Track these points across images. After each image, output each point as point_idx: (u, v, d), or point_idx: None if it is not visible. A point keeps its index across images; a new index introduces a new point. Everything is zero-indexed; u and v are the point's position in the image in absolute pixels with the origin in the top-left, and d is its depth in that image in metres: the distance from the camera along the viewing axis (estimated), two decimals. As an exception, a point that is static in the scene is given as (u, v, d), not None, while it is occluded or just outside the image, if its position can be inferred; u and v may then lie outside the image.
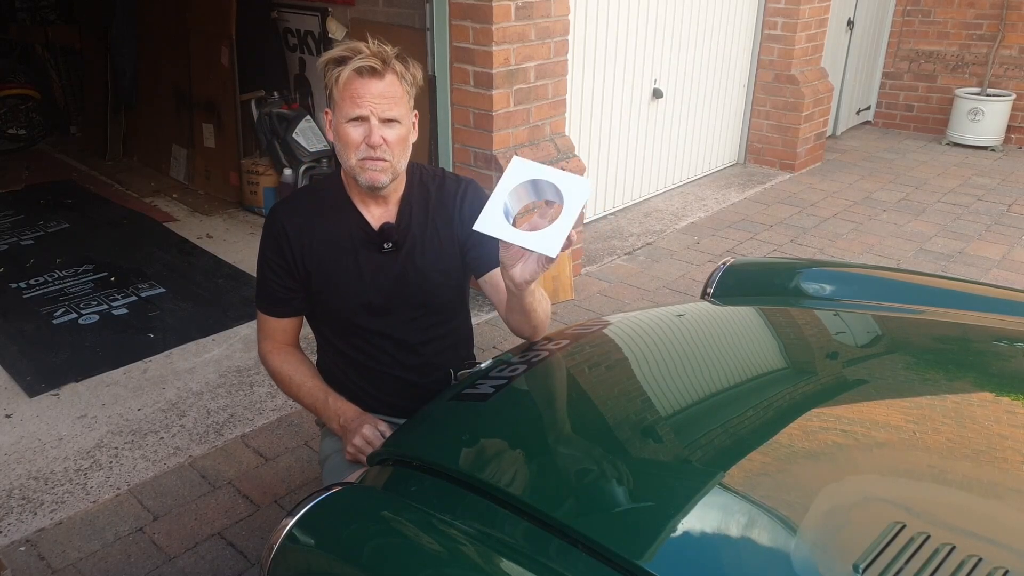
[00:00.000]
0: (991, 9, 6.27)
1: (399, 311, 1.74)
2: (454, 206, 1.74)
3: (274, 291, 1.74)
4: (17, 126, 5.99)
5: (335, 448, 1.79)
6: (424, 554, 1.13)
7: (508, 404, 1.45)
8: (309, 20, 4.51)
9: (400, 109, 1.57)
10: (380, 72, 1.53)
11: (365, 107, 1.54)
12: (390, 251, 1.70)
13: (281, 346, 1.80)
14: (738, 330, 1.70)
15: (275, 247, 1.71)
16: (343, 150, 1.60)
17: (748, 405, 1.32)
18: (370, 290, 1.71)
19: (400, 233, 1.70)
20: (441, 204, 1.74)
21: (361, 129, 1.56)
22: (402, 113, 1.58)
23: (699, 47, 5.03)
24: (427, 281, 1.73)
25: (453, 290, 1.80)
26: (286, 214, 1.71)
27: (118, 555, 2.21)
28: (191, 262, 4.10)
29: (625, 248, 4.35)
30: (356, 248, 1.70)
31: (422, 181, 1.75)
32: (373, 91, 1.54)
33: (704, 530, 1.06)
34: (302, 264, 1.70)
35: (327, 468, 1.80)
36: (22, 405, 2.89)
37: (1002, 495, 1.12)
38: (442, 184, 1.76)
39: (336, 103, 1.57)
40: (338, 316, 1.77)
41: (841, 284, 1.90)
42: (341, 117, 1.57)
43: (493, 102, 3.35)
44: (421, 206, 1.73)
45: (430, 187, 1.75)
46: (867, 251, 4.32)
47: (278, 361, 1.78)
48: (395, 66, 1.56)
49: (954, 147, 6.33)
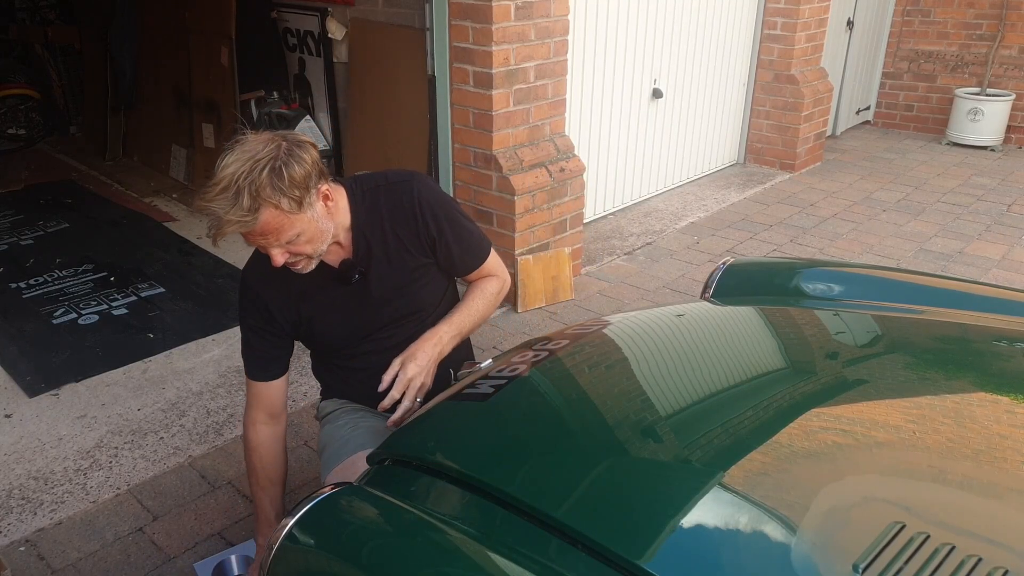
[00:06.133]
0: (991, 9, 6.26)
1: (384, 327, 1.77)
2: (413, 213, 1.71)
3: (261, 355, 1.78)
4: (17, 126, 5.99)
5: (332, 436, 1.82)
6: (424, 554, 1.13)
7: (508, 404, 1.45)
8: (309, 20, 4.51)
9: (291, 231, 1.52)
10: (253, 224, 1.47)
11: (255, 243, 1.56)
12: (359, 281, 1.71)
13: (265, 423, 1.84)
14: (738, 330, 1.70)
15: (255, 313, 1.74)
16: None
17: (748, 405, 1.31)
18: (354, 320, 1.75)
19: (362, 263, 1.70)
20: (397, 213, 1.71)
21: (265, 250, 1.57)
22: (295, 231, 1.52)
23: (699, 47, 5.03)
24: (405, 294, 1.75)
25: (434, 289, 1.80)
26: (256, 280, 1.74)
27: (118, 555, 2.21)
28: (191, 262, 4.10)
29: (625, 248, 4.35)
30: (327, 290, 1.72)
31: (365, 198, 1.70)
32: (255, 233, 1.50)
33: (704, 530, 1.06)
34: (283, 319, 1.74)
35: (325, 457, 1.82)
36: (22, 405, 2.88)
37: (1002, 495, 1.11)
38: (389, 191, 1.71)
39: None
40: (328, 348, 1.84)
41: (841, 284, 1.90)
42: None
43: (493, 102, 3.35)
44: (375, 226, 1.70)
45: (378, 199, 1.70)
46: (867, 251, 4.32)
47: (254, 443, 1.84)
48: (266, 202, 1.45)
49: (954, 147, 6.33)
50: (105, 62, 5.48)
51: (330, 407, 1.91)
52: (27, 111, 6.01)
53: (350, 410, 1.87)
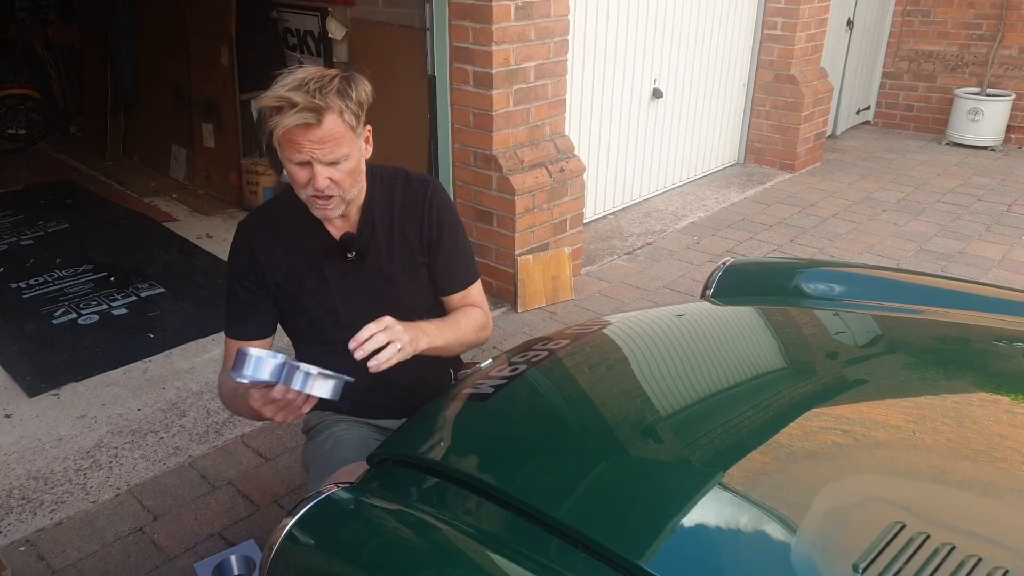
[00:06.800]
0: (991, 9, 6.26)
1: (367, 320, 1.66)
2: (422, 211, 1.71)
3: (242, 309, 1.71)
4: (17, 126, 5.99)
5: (315, 454, 1.76)
6: (424, 554, 1.13)
7: (508, 404, 1.45)
8: (309, 20, 4.50)
9: (344, 148, 1.51)
10: (317, 122, 1.46)
11: (306, 153, 1.50)
12: (354, 260, 1.69)
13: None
14: (738, 330, 1.70)
15: (243, 262, 1.69)
16: (293, 184, 1.58)
17: (748, 405, 1.31)
18: (336, 300, 1.70)
19: (363, 242, 1.68)
20: (408, 207, 1.71)
21: (305, 171, 1.52)
22: (346, 150, 1.52)
23: (699, 47, 5.03)
24: (395, 288, 1.72)
25: (423, 295, 1.78)
26: (250, 231, 1.70)
27: (118, 555, 2.21)
28: (191, 262, 4.10)
29: (625, 248, 4.35)
30: (320, 259, 1.69)
31: (383, 184, 1.71)
32: (312, 138, 1.48)
33: (704, 530, 1.06)
34: (271, 277, 1.69)
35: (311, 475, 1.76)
36: (22, 405, 2.88)
37: (1002, 495, 1.11)
38: (407, 186, 1.72)
39: (279, 142, 1.52)
40: (309, 328, 1.76)
41: (841, 284, 1.90)
42: (284, 157, 1.53)
43: (493, 102, 3.35)
44: (384, 212, 1.70)
45: (394, 189, 1.71)
46: (867, 251, 4.32)
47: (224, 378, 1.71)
48: (333, 104, 1.47)
49: (954, 147, 6.33)
50: (105, 62, 5.48)
51: (313, 420, 1.86)
52: (27, 111, 6.01)
53: (332, 423, 1.82)
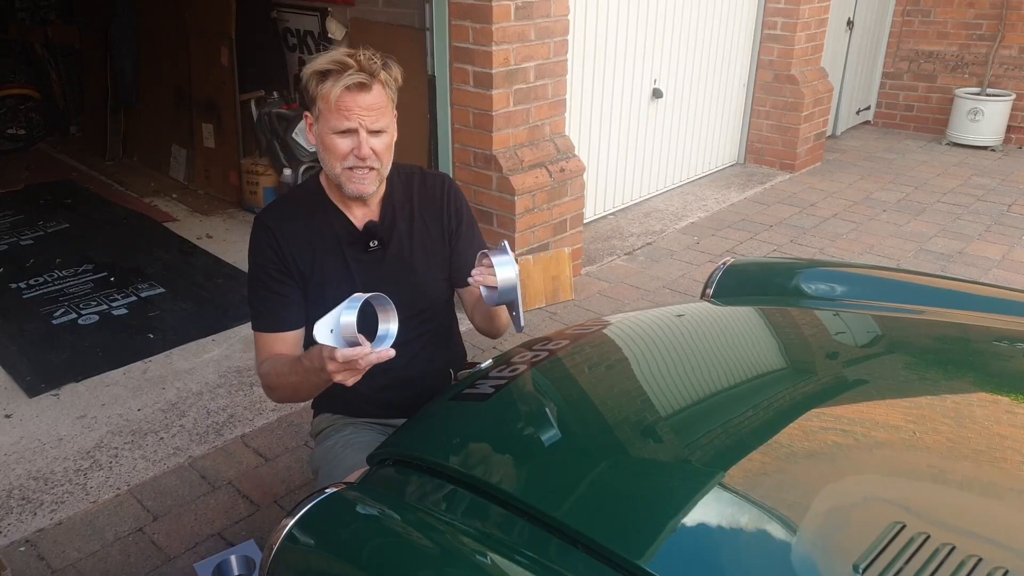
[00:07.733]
0: (991, 9, 6.26)
1: None
2: (441, 202, 1.76)
3: (273, 303, 1.67)
4: (17, 126, 5.99)
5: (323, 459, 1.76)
6: (424, 554, 1.13)
7: (508, 404, 1.45)
8: (309, 20, 4.51)
9: (386, 118, 1.57)
10: (368, 86, 1.52)
11: (354, 120, 1.52)
12: (376, 249, 1.70)
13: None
14: (738, 330, 1.70)
15: (269, 254, 1.67)
16: (328, 159, 1.59)
17: (748, 405, 1.31)
18: (359, 290, 1.67)
19: (385, 231, 1.70)
20: (426, 200, 1.75)
21: (349, 140, 1.55)
22: (388, 122, 1.58)
23: (699, 47, 5.03)
24: (417, 279, 1.73)
25: (443, 287, 1.80)
26: (272, 221, 1.68)
27: (118, 555, 2.21)
28: (191, 262, 4.10)
29: (625, 248, 4.35)
30: (342, 248, 1.69)
31: (401, 178, 1.75)
32: (362, 104, 1.52)
33: (704, 530, 1.06)
34: (296, 266, 1.67)
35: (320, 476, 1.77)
36: (22, 405, 2.88)
37: (1002, 495, 1.11)
38: (423, 180, 1.77)
39: (321, 113, 1.54)
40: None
41: (841, 284, 1.90)
42: (327, 128, 1.55)
43: (493, 102, 3.35)
44: (405, 204, 1.73)
45: (411, 184, 1.76)
46: (867, 251, 4.32)
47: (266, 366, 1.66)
48: (381, 76, 1.54)
49: (954, 147, 6.33)
50: (105, 62, 5.48)
51: (322, 424, 1.86)
52: (27, 111, 6.01)
53: (341, 426, 1.82)
